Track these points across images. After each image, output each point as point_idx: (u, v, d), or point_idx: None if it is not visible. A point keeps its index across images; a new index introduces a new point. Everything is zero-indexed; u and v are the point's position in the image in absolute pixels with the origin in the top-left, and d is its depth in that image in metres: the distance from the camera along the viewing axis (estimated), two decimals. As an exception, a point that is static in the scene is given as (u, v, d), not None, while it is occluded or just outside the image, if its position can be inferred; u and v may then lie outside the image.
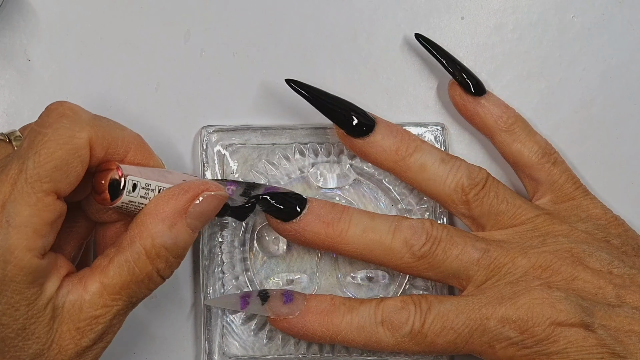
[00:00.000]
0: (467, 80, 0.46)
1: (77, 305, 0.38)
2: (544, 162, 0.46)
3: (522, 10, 0.49)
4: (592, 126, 0.49)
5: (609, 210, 0.46)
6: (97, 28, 0.48)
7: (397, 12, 0.49)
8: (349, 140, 0.45)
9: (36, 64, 0.47)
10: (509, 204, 0.45)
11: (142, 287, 0.39)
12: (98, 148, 0.39)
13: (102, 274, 0.39)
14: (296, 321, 0.43)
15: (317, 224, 0.43)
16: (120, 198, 0.39)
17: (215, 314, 0.46)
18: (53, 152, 0.37)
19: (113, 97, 0.47)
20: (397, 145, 0.45)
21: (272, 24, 0.48)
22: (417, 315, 0.42)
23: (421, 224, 0.43)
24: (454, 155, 0.45)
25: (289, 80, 0.44)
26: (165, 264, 0.39)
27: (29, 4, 0.48)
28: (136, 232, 0.39)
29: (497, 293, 0.42)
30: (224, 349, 0.46)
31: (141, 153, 0.41)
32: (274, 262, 0.46)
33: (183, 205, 0.39)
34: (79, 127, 0.38)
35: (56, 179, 0.37)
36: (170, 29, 0.48)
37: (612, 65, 0.49)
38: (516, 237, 0.44)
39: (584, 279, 0.42)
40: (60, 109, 0.39)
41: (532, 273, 0.42)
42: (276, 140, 0.47)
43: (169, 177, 0.41)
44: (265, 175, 0.47)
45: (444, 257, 0.43)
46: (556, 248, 0.43)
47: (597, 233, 0.44)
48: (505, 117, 0.46)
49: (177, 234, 0.39)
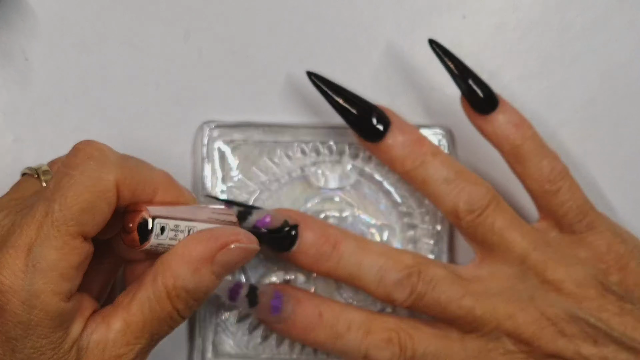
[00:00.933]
0: (475, 97, 0.44)
1: (101, 345, 0.38)
2: (544, 190, 0.44)
3: (523, 10, 0.49)
4: (593, 126, 0.49)
5: (616, 243, 0.44)
6: (95, 27, 0.48)
7: (398, 11, 0.48)
8: (361, 141, 0.45)
9: (34, 64, 0.47)
10: (503, 238, 0.44)
11: (164, 325, 0.39)
12: (125, 190, 0.38)
13: (124, 311, 0.38)
14: (281, 330, 0.44)
15: (306, 260, 0.44)
16: (149, 242, 0.38)
17: (210, 311, 0.46)
18: (80, 195, 0.37)
19: (112, 96, 0.47)
20: (404, 157, 0.44)
21: (272, 24, 0.48)
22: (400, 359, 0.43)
23: (407, 279, 0.43)
24: (466, 173, 0.44)
25: (310, 73, 0.44)
26: (185, 305, 0.39)
27: (27, 3, 0.47)
28: (160, 270, 0.39)
29: (478, 350, 0.43)
30: (217, 347, 0.46)
31: (170, 192, 0.40)
32: (271, 261, 0.46)
33: (211, 253, 0.39)
34: (107, 169, 0.38)
35: (83, 222, 0.37)
36: (170, 28, 0.48)
37: (613, 64, 0.49)
38: (506, 286, 0.44)
39: (563, 356, 0.43)
40: (87, 150, 0.38)
41: (513, 339, 0.43)
42: (278, 138, 0.47)
43: (199, 214, 0.40)
44: (266, 172, 0.47)
45: (426, 310, 0.44)
46: (542, 310, 0.43)
47: (593, 283, 0.43)
48: (511, 138, 0.44)
49: (201, 279, 0.39)
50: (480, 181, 0.44)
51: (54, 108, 0.47)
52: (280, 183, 0.47)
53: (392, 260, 0.44)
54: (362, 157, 0.47)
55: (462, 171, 0.44)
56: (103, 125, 0.47)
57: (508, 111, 0.44)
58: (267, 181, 0.46)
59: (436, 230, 0.47)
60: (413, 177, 0.44)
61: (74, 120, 0.47)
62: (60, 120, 0.47)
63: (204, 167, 0.46)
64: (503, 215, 0.44)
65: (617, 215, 0.46)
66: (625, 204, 0.48)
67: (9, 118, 0.47)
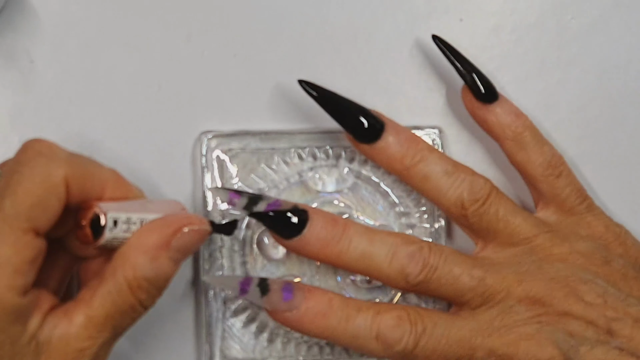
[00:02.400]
0: (478, 86, 0.46)
1: (63, 339, 0.38)
2: (547, 174, 0.45)
3: (520, 12, 0.49)
4: (590, 127, 0.49)
5: (612, 225, 0.46)
6: (99, 29, 0.48)
7: (397, 13, 0.49)
8: (356, 144, 0.45)
9: (39, 66, 0.48)
10: (508, 223, 0.44)
11: (126, 318, 0.40)
12: (75, 185, 0.39)
13: (86, 306, 0.39)
14: (292, 319, 0.43)
15: (316, 244, 0.43)
16: (103, 237, 0.39)
17: (215, 317, 0.46)
18: (30, 191, 0.37)
19: (115, 98, 0.48)
20: (402, 154, 0.45)
21: (272, 26, 0.48)
22: (411, 336, 0.42)
23: (419, 251, 0.43)
24: (462, 166, 0.45)
25: (302, 81, 0.45)
26: (147, 295, 0.40)
27: (31, 5, 0.48)
28: (119, 264, 0.39)
29: (489, 322, 0.43)
30: (225, 352, 0.46)
31: (119, 188, 0.41)
32: (274, 266, 0.47)
33: (165, 239, 0.40)
34: (56, 165, 0.38)
35: (34, 217, 0.37)
36: (172, 31, 0.48)
37: (610, 66, 0.49)
38: (513, 261, 0.44)
39: (575, 314, 0.43)
40: (36, 147, 0.39)
41: (525, 303, 0.43)
42: (275, 145, 0.47)
43: (150, 207, 0.41)
44: (265, 179, 0.47)
45: (438, 285, 0.43)
46: (551, 276, 0.43)
47: (597, 254, 0.44)
48: (513, 126, 0.45)
49: (159, 266, 0.39)
50: (475, 172, 0.45)
51: (58, 110, 0.47)
52: (279, 189, 0.47)
53: (401, 238, 0.44)
54: (358, 160, 0.47)
55: (458, 164, 0.45)
56: (107, 127, 0.48)
57: (507, 102, 0.46)
58: (266, 188, 0.47)
59: (434, 228, 0.47)
60: (413, 173, 0.45)
61: (78, 122, 0.47)
62: (64, 122, 0.47)
63: (204, 177, 0.47)
64: (504, 202, 0.45)
65: (612, 216, 0.47)
66: (621, 205, 0.48)
67: (14, 120, 0.47)
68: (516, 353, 0.42)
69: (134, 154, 0.47)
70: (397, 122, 0.46)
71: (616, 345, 0.42)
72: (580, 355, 0.42)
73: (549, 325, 0.42)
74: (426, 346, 0.42)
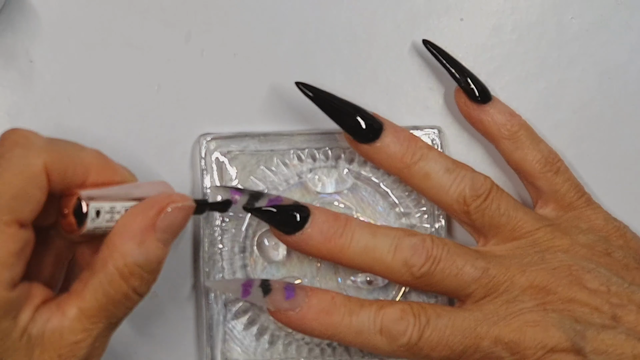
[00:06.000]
0: (472, 87, 0.46)
1: (57, 333, 0.38)
2: (545, 170, 0.46)
3: (520, 12, 0.49)
4: (591, 127, 0.49)
5: (612, 219, 0.46)
6: (98, 29, 0.48)
7: (397, 13, 0.49)
8: (356, 145, 0.45)
9: (38, 65, 0.48)
10: (510, 217, 0.45)
11: (120, 307, 0.39)
12: (56, 172, 0.38)
13: (78, 298, 0.38)
14: (296, 317, 0.43)
15: (318, 238, 0.43)
16: (86, 225, 0.38)
17: (216, 320, 0.46)
18: (9, 182, 0.37)
19: (114, 98, 0.48)
20: (402, 153, 0.45)
21: (272, 26, 0.48)
22: (415, 328, 0.42)
23: (422, 243, 0.43)
24: (461, 163, 0.45)
25: (299, 83, 0.44)
26: (141, 281, 0.39)
27: (31, 5, 0.48)
28: (107, 254, 0.39)
29: (494, 311, 0.43)
30: (226, 354, 0.46)
31: (104, 171, 0.40)
32: (274, 268, 0.47)
33: (150, 221, 0.39)
34: (34, 154, 0.38)
35: (16, 209, 0.37)
36: (172, 30, 0.48)
37: (611, 66, 0.49)
38: (516, 253, 0.44)
39: (580, 301, 0.43)
40: (13, 137, 0.38)
41: (529, 292, 0.43)
42: (274, 147, 0.47)
43: (136, 192, 0.40)
44: (264, 181, 0.47)
45: (442, 277, 0.43)
46: (554, 265, 0.43)
47: (598, 246, 0.45)
48: (509, 125, 0.46)
49: (148, 249, 0.39)
50: (474, 169, 0.45)
51: (57, 110, 0.47)
52: (279, 190, 0.47)
53: (403, 231, 0.44)
54: (357, 161, 0.47)
55: (458, 162, 0.46)
56: (106, 127, 0.48)
57: (500, 103, 0.47)
58: (265, 189, 0.47)
59: (434, 228, 0.47)
60: (414, 171, 0.45)
61: (77, 122, 0.47)
62: (63, 122, 0.47)
63: (204, 179, 0.47)
64: (505, 197, 0.45)
65: (612, 215, 0.47)
66: (621, 204, 0.48)
67: (13, 119, 0.47)
68: (523, 340, 0.42)
69: (132, 157, 0.47)
70: (394, 123, 0.46)
71: (622, 330, 0.42)
72: (587, 340, 0.42)
73: (554, 312, 0.42)
74: (431, 337, 0.42)
